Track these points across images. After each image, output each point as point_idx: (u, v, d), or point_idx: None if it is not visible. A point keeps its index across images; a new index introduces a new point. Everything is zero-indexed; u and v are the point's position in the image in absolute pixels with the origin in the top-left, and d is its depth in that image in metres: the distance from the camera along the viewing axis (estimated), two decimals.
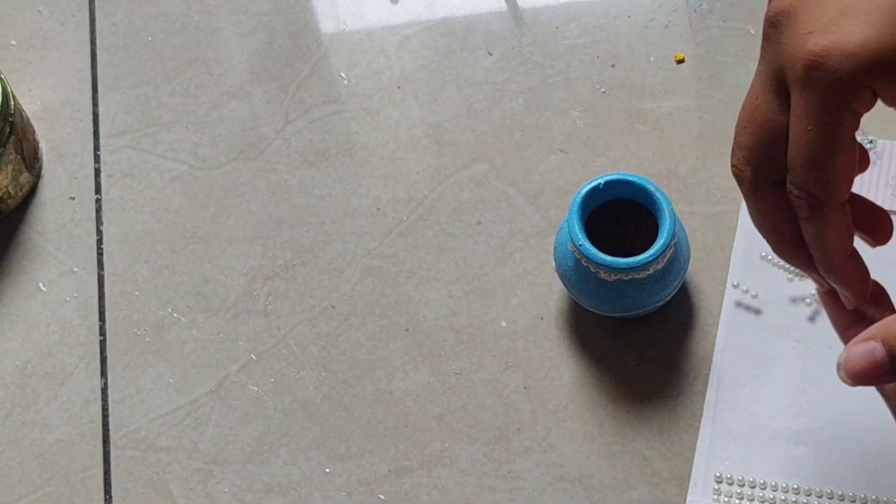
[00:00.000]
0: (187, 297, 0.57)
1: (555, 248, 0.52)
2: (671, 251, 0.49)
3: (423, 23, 0.62)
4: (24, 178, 0.59)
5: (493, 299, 0.56)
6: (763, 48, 0.41)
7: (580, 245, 0.49)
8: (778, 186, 0.42)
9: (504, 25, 0.61)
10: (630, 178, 0.50)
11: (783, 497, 0.50)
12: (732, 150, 0.42)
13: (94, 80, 0.62)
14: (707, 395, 0.53)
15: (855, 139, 0.40)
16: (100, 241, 0.59)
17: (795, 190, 0.41)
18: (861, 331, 0.39)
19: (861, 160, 0.42)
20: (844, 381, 0.38)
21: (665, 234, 0.48)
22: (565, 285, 0.52)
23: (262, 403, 0.55)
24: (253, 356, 0.56)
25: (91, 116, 0.61)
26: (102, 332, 0.57)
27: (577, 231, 0.49)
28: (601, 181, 0.50)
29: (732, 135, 0.57)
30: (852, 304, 0.43)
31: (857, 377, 0.38)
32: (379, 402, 0.55)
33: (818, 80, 0.39)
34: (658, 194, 0.49)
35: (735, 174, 0.43)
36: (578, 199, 0.50)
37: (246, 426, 0.55)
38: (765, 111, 0.41)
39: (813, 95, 0.39)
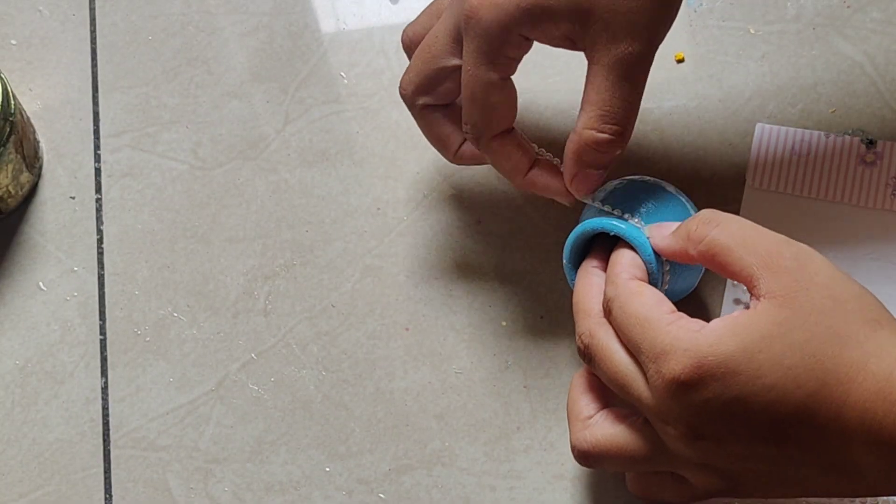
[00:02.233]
0: (187, 297, 0.58)
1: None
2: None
3: None
4: (25, 177, 0.59)
5: (494, 298, 0.56)
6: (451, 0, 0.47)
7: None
8: (430, 107, 0.49)
9: None
10: (606, 224, 0.48)
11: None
12: (405, 71, 0.50)
13: (95, 80, 0.62)
14: None
15: (510, 81, 0.47)
16: (100, 241, 0.59)
17: (465, 123, 0.48)
18: None
19: None
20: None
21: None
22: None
23: (263, 402, 0.55)
24: (253, 355, 0.56)
25: (91, 116, 0.61)
26: (102, 331, 0.57)
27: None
28: (587, 228, 0.49)
29: (732, 134, 0.58)
30: (566, 201, 0.50)
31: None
32: (379, 401, 0.55)
33: (473, 29, 0.44)
34: (636, 234, 0.47)
35: (400, 91, 0.50)
36: (569, 246, 0.50)
37: (246, 425, 0.55)
38: (439, 48, 0.47)
39: (470, 42, 0.45)
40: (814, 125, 0.56)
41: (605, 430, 0.45)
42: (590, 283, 0.47)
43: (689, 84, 0.58)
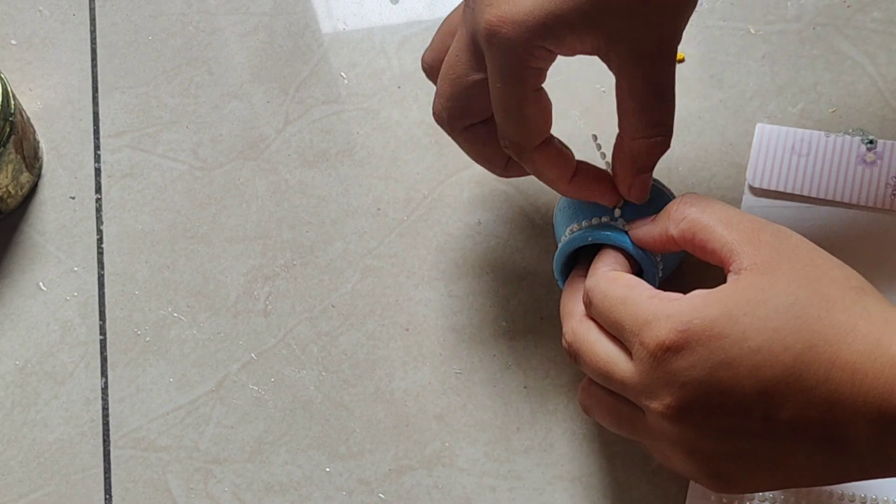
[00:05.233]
0: (188, 297, 0.58)
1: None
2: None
3: (424, 23, 0.62)
4: (25, 177, 0.59)
5: (494, 299, 0.56)
6: (463, 13, 0.45)
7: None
8: (472, 128, 0.48)
9: None
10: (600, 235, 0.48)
11: (783, 497, 0.50)
12: (434, 98, 0.48)
13: (95, 80, 0.62)
14: None
15: (542, 90, 0.46)
16: (100, 241, 0.59)
17: (502, 139, 0.47)
18: None
19: None
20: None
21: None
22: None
23: (263, 403, 0.55)
24: (253, 356, 0.56)
25: (91, 116, 0.61)
26: (103, 331, 0.57)
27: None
28: (575, 244, 0.49)
29: (732, 134, 0.58)
30: (611, 203, 0.49)
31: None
32: (379, 402, 0.55)
33: (496, 45, 0.43)
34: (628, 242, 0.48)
35: (435, 118, 0.49)
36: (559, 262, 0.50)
37: (246, 426, 0.55)
38: (462, 67, 0.46)
39: (496, 58, 0.44)
40: (814, 125, 0.56)
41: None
42: (574, 289, 0.48)
43: (689, 84, 0.58)
